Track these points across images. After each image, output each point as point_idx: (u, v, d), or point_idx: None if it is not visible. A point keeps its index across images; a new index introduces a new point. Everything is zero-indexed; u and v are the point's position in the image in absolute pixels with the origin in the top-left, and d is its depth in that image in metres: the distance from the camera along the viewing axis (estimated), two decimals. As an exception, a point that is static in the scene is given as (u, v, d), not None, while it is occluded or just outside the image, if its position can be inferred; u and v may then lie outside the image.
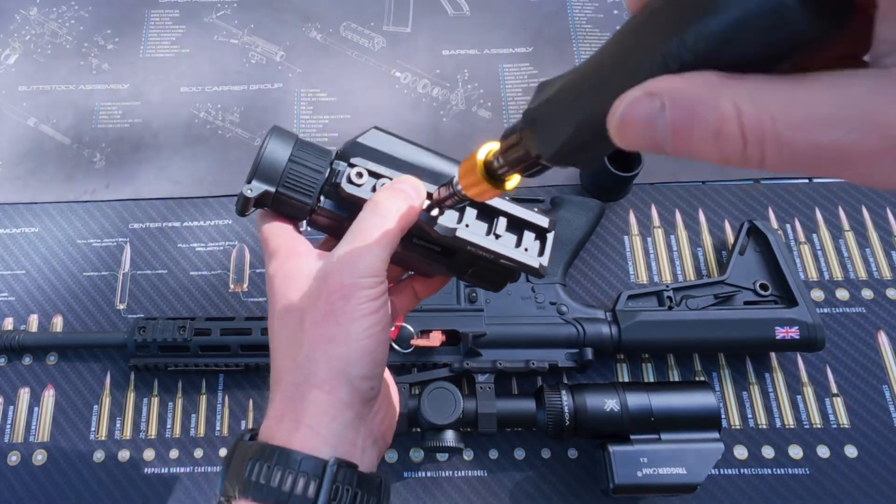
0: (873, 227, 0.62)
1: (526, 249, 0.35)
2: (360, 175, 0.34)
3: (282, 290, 0.32)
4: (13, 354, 0.58)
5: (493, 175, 0.26)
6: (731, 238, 0.62)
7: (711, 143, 0.16)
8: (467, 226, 0.34)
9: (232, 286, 0.61)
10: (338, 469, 0.28)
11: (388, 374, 0.37)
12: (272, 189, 0.34)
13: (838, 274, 0.60)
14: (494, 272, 0.37)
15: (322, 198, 0.34)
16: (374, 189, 0.34)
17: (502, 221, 0.35)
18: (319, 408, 0.29)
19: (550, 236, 0.35)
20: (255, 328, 0.54)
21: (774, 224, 0.62)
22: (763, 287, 0.56)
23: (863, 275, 0.60)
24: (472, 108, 0.70)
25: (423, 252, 0.36)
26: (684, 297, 0.56)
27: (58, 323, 0.60)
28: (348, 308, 0.30)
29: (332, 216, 0.35)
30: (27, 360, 0.58)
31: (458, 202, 0.31)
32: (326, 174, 0.34)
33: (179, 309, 0.60)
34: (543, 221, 0.35)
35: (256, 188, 0.34)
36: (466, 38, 0.73)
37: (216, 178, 0.66)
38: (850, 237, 0.62)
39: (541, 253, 0.35)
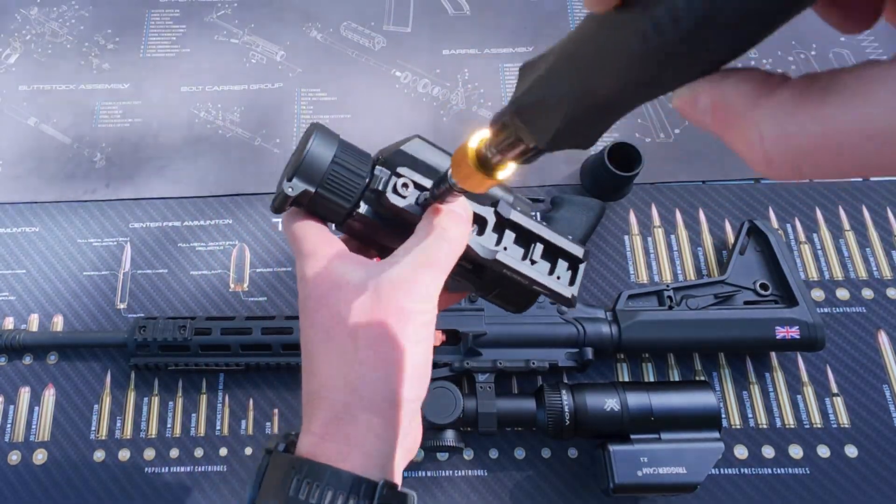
0: (874, 227, 0.62)
1: (559, 278, 0.35)
2: (406, 186, 0.33)
3: (325, 299, 0.31)
4: (14, 354, 0.58)
5: (486, 165, 0.25)
6: (731, 238, 0.62)
7: (744, 149, 0.17)
8: (506, 249, 0.34)
9: (232, 286, 0.61)
10: (384, 492, 0.28)
11: None
12: (312, 189, 0.33)
13: (838, 273, 0.60)
14: (520, 295, 0.37)
15: (361, 203, 0.33)
16: (417, 202, 0.33)
17: (539, 248, 0.35)
18: (372, 431, 0.29)
19: (582, 267, 0.35)
20: (255, 328, 0.54)
21: (775, 224, 0.62)
22: (763, 287, 0.56)
23: (863, 274, 0.60)
24: (473, 107, 0.70)
25: (454, 269, 0.35)
26: (684, 296, 0.56)
27: (58, 322, 0.60)
28: (407, 332, 0.30)
29: (368, 223, 0.34)
30: (28, 360, 0.59)
31: (454, 195, 0.30)
32: (367, 179, 0.33)
33: (180, 308, 0.60)
34: (578, 251, 0.35)
35: (297, 187, 0.33)
36: (467, 38, 0.73)
37: (216, 177, 0.66)
38: (850, 237, 0.62)
39: (572, 282, 0.35)
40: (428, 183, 0.33)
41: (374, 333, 0.30)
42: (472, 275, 0.36)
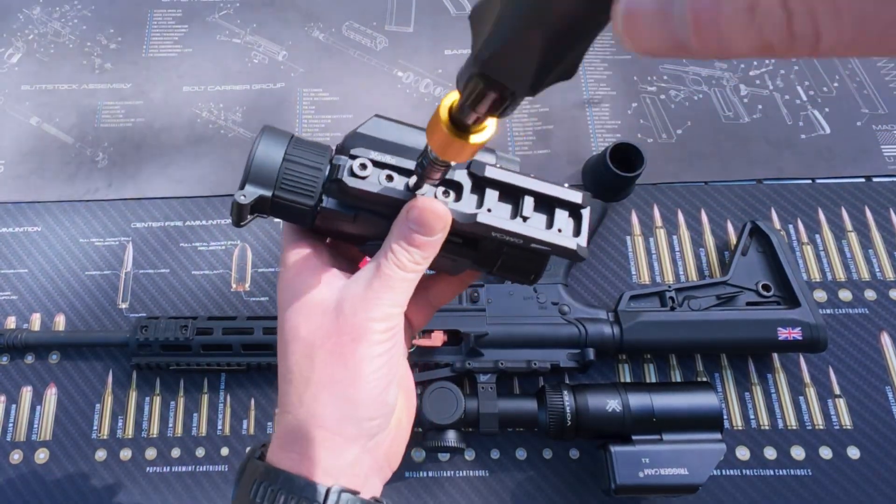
0: (876, 228, 0.62)
1: (560, 230, 0.31)
2: (363, 167, 0.30)
3: (289, 314, 0.31)
4: (16, 353, 0.58)
5: (462, 127, 0.23)
6: (733, 238, 0.62)
7: (746, 25, 0.12)
8: (489, 210, 0.30)
9: (234, 285, 0.61)
10: (340, 496, 0.28)
11: (404, 398, 0.35)
12: (268, 193, 0.31)
13: (841, 275, 0.60)
14: (527, 260, 0.33)
15: (325, 198, 0.31)
16: (380, 180, 0.30)
17: (528, 201, 0.31)
18: (324, 447, 0.29)
19: (586, 212, 0.31)
20: (256, 328, 0.54)
21: (777, 224, 0.62)
22: (765, 288, 0.56)
23: (865, 276, 0.60)
24: (475, 107, 0.69)
25: (444, 246, 0.32)
26: (686, 297, 0.55)
27: (60, 322, 0.60)
28: (358, 351, 0.29)
29: (338, 216, 0.32)
30: (29, 359, 0.59)
31: (441, 170, 0.27)
32: (327, 171, 0.31)
33: (181, 308, 0.60)
34: (576, 196, 0.31)
35: (250, 193, 0.30)
36: (469, 38, 0.73)
37: (218, 177, 0.66)
38: (852, 238, 0.62)
39: (577, 233, 0.31)
40: (389, 160, 0.30)
41: (327, 352, 0.29)
42: (466, 248, 0.32)
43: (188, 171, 0.67)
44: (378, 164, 0.30)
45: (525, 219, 0.31)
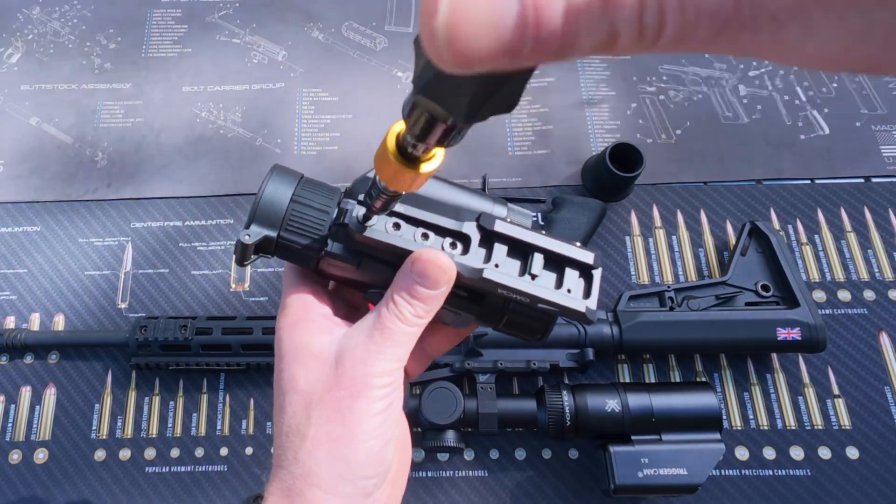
0: (875, 228, 0.62)
1: (569, 290, 0.30)
2: (368, 218, 0.29)
3: (287, 363, 0.30)
4: (15, 353, 0.58)
5: (409, 158, 0.22)
6: (732, 239, 0.62)
7: (597, 18, 0.12)
8: (497, 265, 0.29)
9: (233, 285, 0.61)
10: None
11: (400, 450, 0.33)
12: (273, 234, 0.30)
13: (840, 275, 0.60)
14: (534, 319, 0.32)
15: (330, 241, 0.30)
16: (386, 228, 0.29)
17: (538, 259, 0.30)
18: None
19: (597, 274, 0.30)
20: (256, 328, 0.54)
21: (776, 225, 0.62)
22: (765, 288, 0.56)
23: (864, 276, 0.60)
24: (474, 108, 0.69)
25: (448, 300, 0.31)
26: (686, 297, 0.55)
27: (59, 322, 0.60)
28: (357, 408, 0.28)
29: (342, 261, 0.31)
30: (29, 359, 0.59)
31: (389, 201, 0.26)
32: (334, 214, 0.30)
33: (181, 308, 0.60)
34: (587, 257, 0.30)
35: (255, 233, 0.30)
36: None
37: (218, 177, 0.66)
38: (852, 238, 0.62)
39: (587, 294, 0.30)
40: (399, 208, 0.30)
41: (325, 409, 0.28)
42: (470, 303, 0.32)
43: (187, 171, 0.67)
44: (382, 211, 0.29)
45: (534, 276, 0.30)
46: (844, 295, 0.59)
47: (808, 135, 0.67)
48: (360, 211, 0.29)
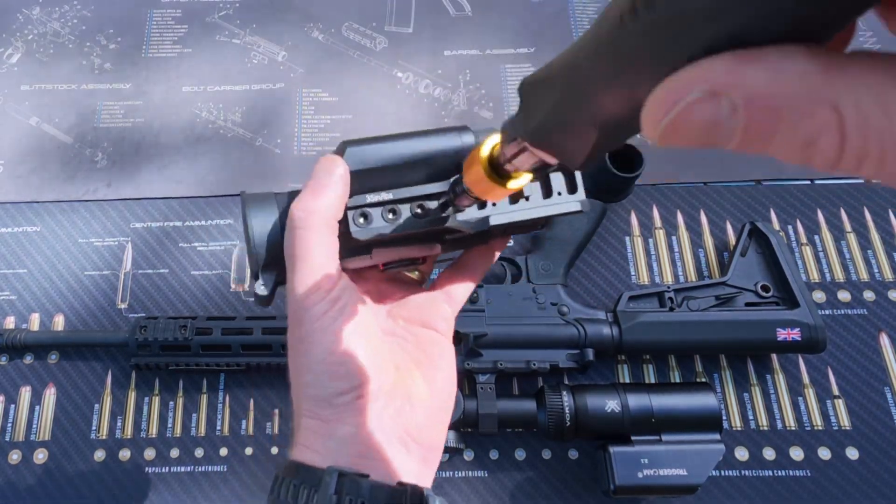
0: (875, 229, 0.62)
1: (559, 193, 0.32)
2: (365, 217, 0.30)
3: (288, 310, 0.32)
4: (15, 353, 0.58)
5: (499, 173, 0.24)
6: (732, 239, 0.62)
7: (797, 150, 0.13)
8: (494, 205, 0.31)
9: (233, 286, 0.61)
10: (339, 479, 0.28)
11: (420, 370, 0.34)
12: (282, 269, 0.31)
13: (840, 275, 0.60)
14: (532, 222, 0.34)
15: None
16: (384, 218, 0.30)
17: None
18: (311, 431, 0.30)
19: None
20: (256, 328, 0.54)
21: (776, 225, 0.62)
22: (764, 288, 0.56)
23: (864, 276, 0.60)
24: (474, 108, 0.70)
25: (458, 244, 0.34)
26: (685, 298, 0.55)
27: (59, 322, 0.60)
28: (303, 335, 0.30)
29: (355, 261, 0.32)
30: (28, 359, 0.59)
31: (472, 199, 0.28)
32: None
33: (181, 308, 0.60)
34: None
35: (268, 280, 0.31)
36: (468, 39, 0.73)
37: (218, 177, 0.66)
38: (851, 238, 0.62)
39: (572, 189, 0.32)
40: (383, 196, 0.30)
41: (290, 345, 0.32)
42: (477, 240, 0.34)
43: (187, 171, 0.67)
44: (375, 205, 0.31)
45: (527, 198, 0.31)
46: (844, 295, 0.59)
47: (807, 135, 0.67)
48: (351, 216, 0.30)
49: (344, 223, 0.30)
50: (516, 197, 0.31)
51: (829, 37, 0.13)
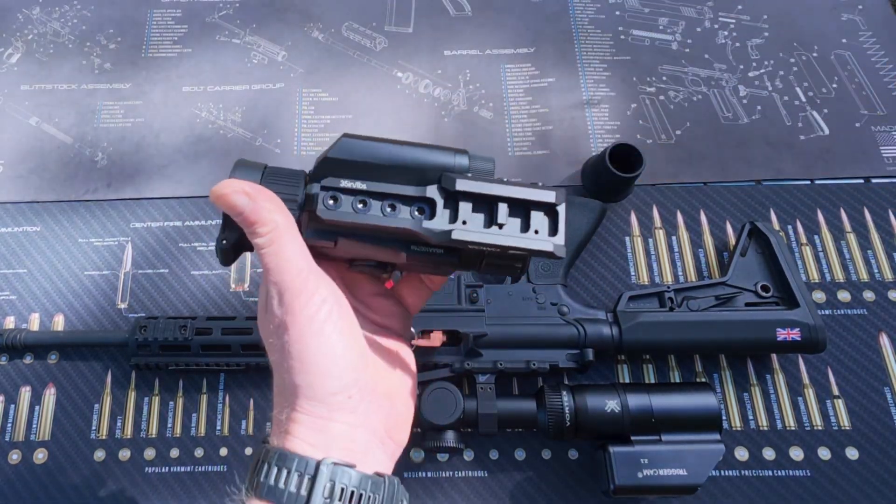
0: (875, 229, 0.62)
1: (536, 231, 0.31)
2: (335, 199, 0.31)
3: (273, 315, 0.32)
4: (14, 353, 0.58)
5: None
6: (732, 239, 0.62)
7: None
8: (464, 222, 0.31)
9: (233, 286, 0.61)
10: (334, 467, 0.30)
11: (392, 368, 0.37)
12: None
13: (840, 275, 0.60)
14: (509, 260, 0.33)
15: (303, 227, 0.32)
16: (354, 207, 0.31)
17: (503, 208, 0.31)
18: (304, 425, 0.31)
19: (562, 209, 0.31)
20: (255, 328, 0.54)
21: (776, 225, 0.62)
22: (764, 288, 0.56)
23: (864, 276, 0.60)
24: (474, 108, 0.70)
25: (426, 258, 0.33)
26: (685, 298, 0.55)
27: (59, 322, 0.60)
28: (294, 337, 0.31)
29: (318, 244, 0.32)
30: (28, 359, 0.59)
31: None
32: (301, 200, 0.31)
33: (180, 308, 0.60)
34: (549, 196, 0.30)
35: (230, 237, 0.31)
36: (468, 39, 0.73)
37: (217, 177, 0.66)
38: (851, 239, 0.62)
39: (553, 231, 0.31)
40: (360, 185, 0.31)
41: (279, 347, 0.32)
42: (448, 258, 0.33)
43: (187, 171, 0.67)
44: (349, 192, 0.31)
45: (501, 226, 0.31)
46: (844, 295, 0.59)
47: (807, 135, 0.67)
48: (322, 196, 0.31)
49: (313, 203, 0.31)
50: (490, 222, 0.31)
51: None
